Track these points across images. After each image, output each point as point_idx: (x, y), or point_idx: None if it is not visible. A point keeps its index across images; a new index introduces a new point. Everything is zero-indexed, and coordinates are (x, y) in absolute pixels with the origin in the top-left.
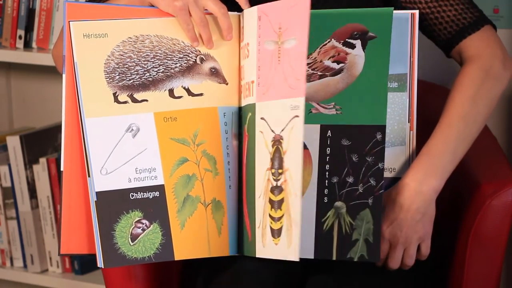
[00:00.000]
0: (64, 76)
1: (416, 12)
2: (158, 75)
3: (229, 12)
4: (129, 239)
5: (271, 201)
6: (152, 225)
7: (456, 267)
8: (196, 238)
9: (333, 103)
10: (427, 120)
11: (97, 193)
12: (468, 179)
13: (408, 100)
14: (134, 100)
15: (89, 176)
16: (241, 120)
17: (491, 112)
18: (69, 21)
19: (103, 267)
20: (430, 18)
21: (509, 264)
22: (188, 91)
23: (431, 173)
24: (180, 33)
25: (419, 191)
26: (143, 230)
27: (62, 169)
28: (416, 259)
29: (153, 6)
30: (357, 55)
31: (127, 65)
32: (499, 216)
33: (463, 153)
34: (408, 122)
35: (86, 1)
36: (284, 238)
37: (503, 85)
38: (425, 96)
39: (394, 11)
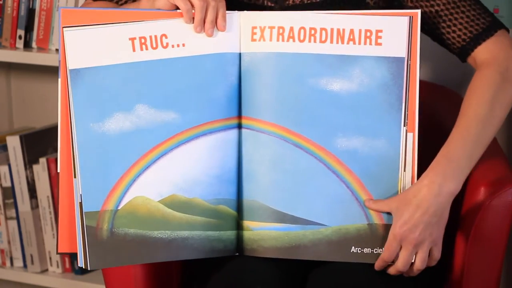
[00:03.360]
0: (59, 80)
1: (418, 12)
2: None
3: (228, 11)
4: None
5: None
6: None
7: (456, 267)
8: None
9: None
10: (438, 124)
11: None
12: (468, 179)
13: (401, 102)
14: None
15: (75, 177)
16: None
17: (506, 115)
18: (63, 27)
19: (83, 268)
20: (442, 26)
21: (509, 264)
22: None
23: (450, 177)
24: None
25: (438, 194)
26: None
27: (58, 170)
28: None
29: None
30: None
31: None
32: (499, 216)
33: (479, 156)
34: (404, 125)
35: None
36: None
37: None
38: (436, 100)
39: (392, 15)
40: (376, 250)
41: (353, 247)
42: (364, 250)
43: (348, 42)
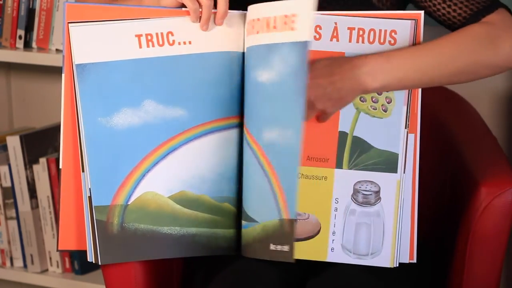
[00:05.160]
0: (63, 75)
1: (421, 13)
2: None
3: (233, 11)
4: None
5: None
6: None
7: (456, 267)
8: None
9: None
10: (437, 124)
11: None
12: (468, 179)
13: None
14: None
15: (83, 171)
16: None
17: (466, 78)
18: (68, 23)
19: (94, 262)
20: (443, 7)
21: (509, 264)
22: None
23: (379, 77)
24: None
25: (364, 84)
26: None
27: (60, 166)
28: (418, 263)
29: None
30: None
31: None
32: (499, 216)
33: (414, 85)
34: (406, 127)
35: None
36: None
37: (497, 61)
38: (436, 100)
39: (397, 19)
40: (284, 248)
41: (271, 244)
42: (277, 247)
43: (272, 29)
